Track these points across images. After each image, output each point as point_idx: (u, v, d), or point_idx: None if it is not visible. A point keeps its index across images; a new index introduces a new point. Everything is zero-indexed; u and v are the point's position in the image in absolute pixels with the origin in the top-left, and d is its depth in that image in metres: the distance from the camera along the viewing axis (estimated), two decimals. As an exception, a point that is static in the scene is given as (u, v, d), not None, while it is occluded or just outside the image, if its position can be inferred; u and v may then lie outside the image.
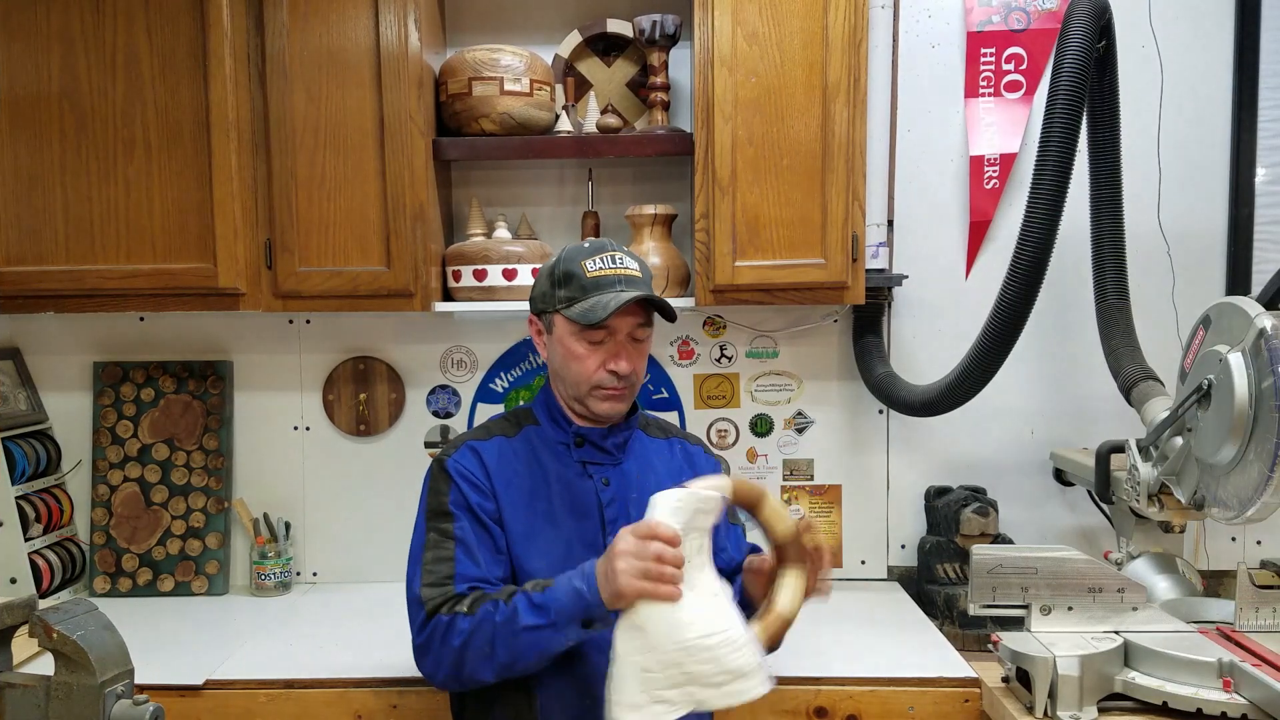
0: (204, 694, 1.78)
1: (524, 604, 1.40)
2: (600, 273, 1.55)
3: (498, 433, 1.65)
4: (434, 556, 1.52)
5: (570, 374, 1.58)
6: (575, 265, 1.56)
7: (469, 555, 1.51)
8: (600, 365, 1.56)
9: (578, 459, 1.63)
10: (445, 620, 1.44)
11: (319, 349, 2.41)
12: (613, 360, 1.56)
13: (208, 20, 2.00)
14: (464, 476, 1.57)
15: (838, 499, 2.41)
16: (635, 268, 1.58)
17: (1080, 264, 2.19)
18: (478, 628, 1.42)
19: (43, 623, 1.06)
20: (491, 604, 1.43)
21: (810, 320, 2.37)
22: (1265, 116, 2.25)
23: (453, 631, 1.43)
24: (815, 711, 1.77)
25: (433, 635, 1.45)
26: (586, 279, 1.55)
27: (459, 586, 1.48)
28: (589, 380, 1.57)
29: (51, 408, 2.41)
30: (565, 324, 1.57)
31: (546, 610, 1.38)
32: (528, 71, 2.13)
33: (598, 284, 1.54)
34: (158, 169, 2.04)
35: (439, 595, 1.47)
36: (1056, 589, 1.68)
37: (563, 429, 1.64)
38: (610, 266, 1.56)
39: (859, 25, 2.00)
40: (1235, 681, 1.51)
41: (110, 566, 2.36)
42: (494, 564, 1.53)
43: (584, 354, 1.56)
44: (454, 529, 1.53)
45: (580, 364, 1.56)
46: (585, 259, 1.56)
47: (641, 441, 1.71)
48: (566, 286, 1.56)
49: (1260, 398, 1.47)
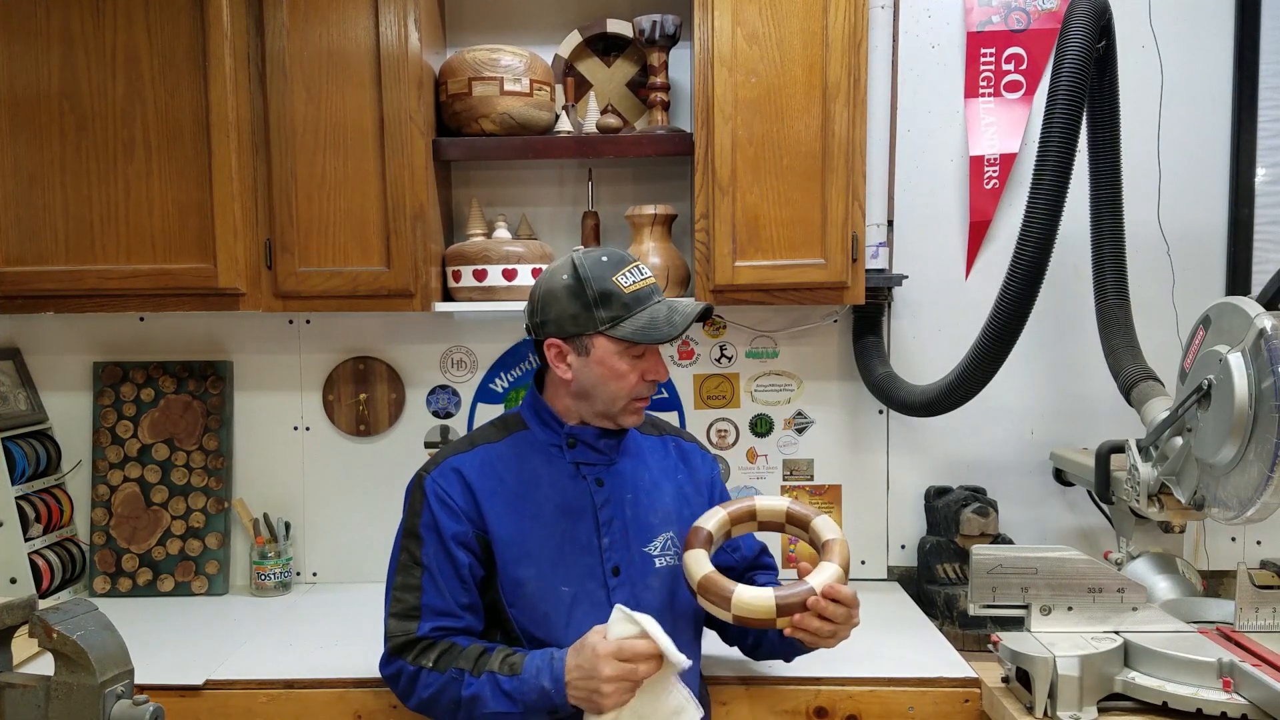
0: (204, 694, 1.78)
1: (490, 689, 1.46)
2: (637, 286, 1.54)
3: (481, 441, 1.65)
4: (402, 582, 1.57)
5: (608, 391, 1.57)
6: (609, 284, 1.53)
7: (433, 584, 1.55)
8: (640, 379, 1.57)
9: (571, 460, 1.62)
10: (411, 670, 1.52)
11: (319, 349, 2.41)
12: (653, 371, 1.57)
13: (208, 20, 2.00)
14: (440, 499, 1.57)
15: (838, 499, 2.41)
16: (652, 275, 1.59)
17: (1080, 264, 2.20)
18: (443, 690, 1.49)
19: (43, 623, 1.06)
20: (457, 671, 1.48)
21: (810, 320, 2.37)
22: (1265, 116, 2.25)
23: (419, 684, 1.51)
24: (815, 711, 1.77)
25: (399, 676, 1.54)
26: (626, 295, 1.53)
27: (422, 625, 1.53)
28: (629, 394, 1.57)
29: (51, 408, 2.41)
30: (611, 344, 1.54)
31: (512, 700, 1.46)
32: (528, 71, 2.13)
33: (638, 299, 1.54)
34: (158, 169, 2.04)
35: (402, 635, 1.54)
36: (1056, 589, 1.68)
37: (554, 431, 1.63)
38: (641, 278, 1.56)
39: (859, 25, 2.00)
40: (1235, 682, 1.51)
41: (110, 566, 2.36)
42: (459, 592, 1.55)
43: (628, 370, 1.56)
44: (421, 555, 1.56)
45: (622, 381, 1.56)
46: (614, 275, 1.54)
47: (635, 440, 1.70)
48: (606, 307, 1.53)
49: (1260, 398, 1.47)
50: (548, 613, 1.55)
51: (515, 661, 1.47)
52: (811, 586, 1.43)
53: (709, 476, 1.77)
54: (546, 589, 1.55)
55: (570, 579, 1.56)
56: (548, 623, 1.54)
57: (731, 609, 1.43)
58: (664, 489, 1.67)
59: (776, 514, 1.58)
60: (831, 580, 1.44)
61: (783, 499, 1.60)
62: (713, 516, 1.57)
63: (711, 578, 1.46)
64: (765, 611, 1.42)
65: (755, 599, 1.42)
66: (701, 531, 1.54)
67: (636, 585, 1.58)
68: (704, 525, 1.55)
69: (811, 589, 1.42)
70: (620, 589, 1.57)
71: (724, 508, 1.58)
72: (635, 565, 1.59)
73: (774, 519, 1.58)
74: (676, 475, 1.71)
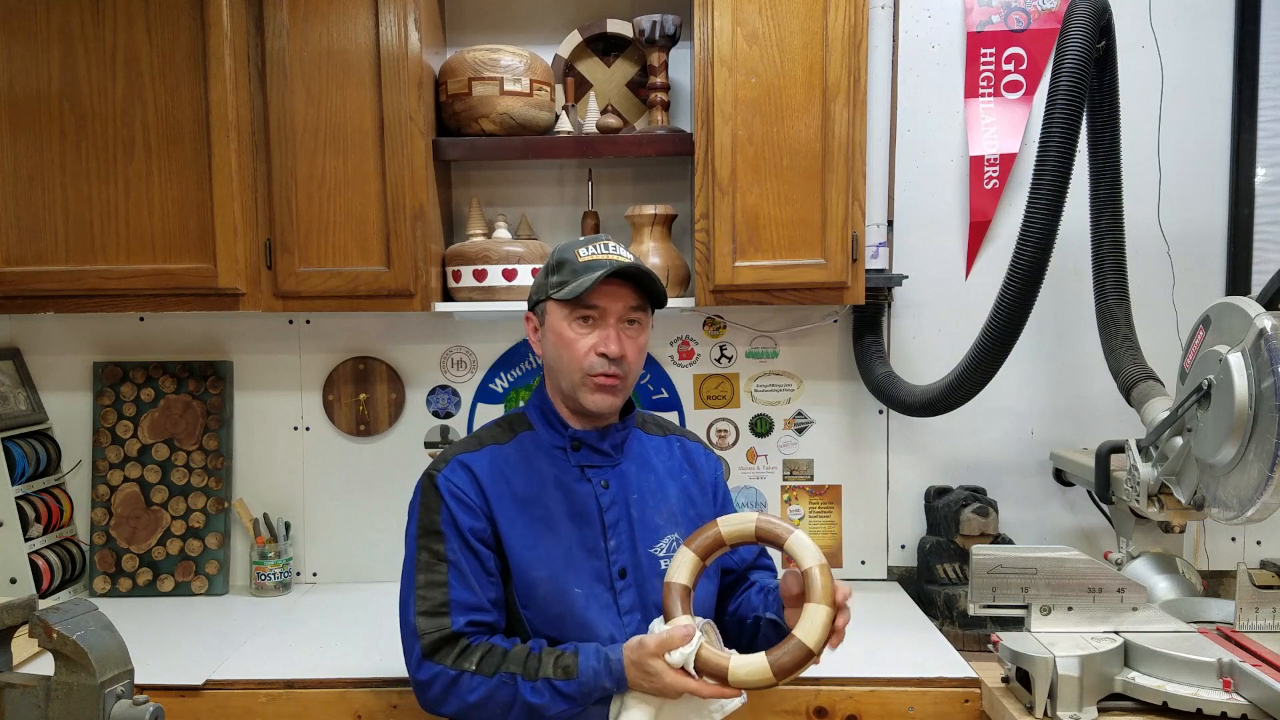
0: (204, 694, 1.78)
1: (549, 695, 1.44)
2: (593, 258, 1.54)
3: (489, 441, 1.63)
4: (427, 580, 1.52)
5: (563, 363, 1.56)
6: (569, 253, 1.57)
7: (462, 580, 1.51)
8: (591, 349, 1.54)
9: (575, 463, 1.61)
10: (452, 675, 1.46)
11: (319, 349, 2.41)
12: (602, 343, 1.54)
13: (208, 20, 2.00)
14: (454, 495, 1.55)
15: (837, 499, 2.41)
16: (629, 257, 1.57)
17: (1080, 264, 2.20)
18: (493, 693, 1.45)
19: (43, 623, 1.06)
20: (508, 675, 1.45)
21: (810, 320, 2.37)
22: (1265, 116, 2.25)
23: (464, 688, 1.46)
24: (815, 711, 1.77)
25: (435, 680, 1.47)
26: (579, 263, 1.54)
27: (455, 620, 1.49)
28: (580, 366, 1.54)
29: (51, 408, 2.41)
30: (556, 308, 1.56)
31: (574, 701, 1.44)
32: (528, 72, 2.13)
33: (589, 267, 1.53)
34: (158, 169, 2.04)
35: (435, 632, 1.48)
36: (1056, 589, 1.68)
37: (558, 433, 1.62)
38: (603, 253, 1.55)
39: (859, 25, 2.00)
40: (1235, 681, 1.51)
41: (110, 566, 2.36)
42: (487, 586, 1.53)
43: (574, 337, 1.55)
44: (446, 551, 1.52)
45: (570, 349, 1.55)
46: (579, 247, 1.57)
47: (640, 440, 1.70)
48: (558, 273, 1.56)
49: (1260, 398, 1.47)
50: (561, 614, 1.54)
51: (569, 664, 1.45)
52: (809, 648, 1.36)
53: (713, 477, 1.76)
54: (559, 592, 1.54)
55: (581, 581, 1.55)
56: (562, 623, 1.54)
57: (729, 680, 1.37)
58: (669, 490, 1.67)
59: (745, 534, 1.45)
60: (822, 630, 1.36)
61: (749, 515, 1.46)
62: (683, 565, 1.45)
63: (703, 655, 1.38)
64: (764, 680, 1.37)
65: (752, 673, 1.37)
66: (676, 588, 1.44)
67: (643, 587, 1.58)
68: (677, 580, 1.44)
69: (809, 650, 1.36)
70: (627, 591, 1.57)
71: (689, 547, 1.46)
72: (641, 567, 1.58)
73: (743, 539, 1.46)
74: (681, 476, 1.70)
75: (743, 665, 1.37)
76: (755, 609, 1.62)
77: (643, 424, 1.74)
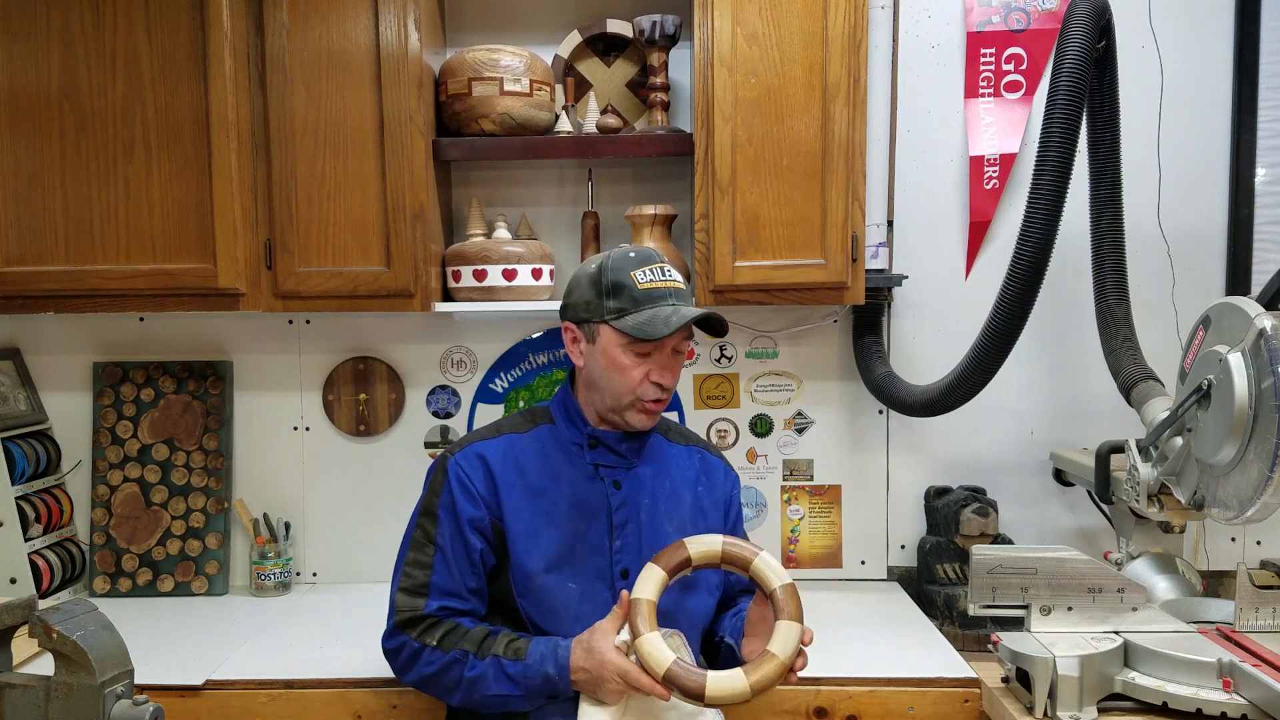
0: (204, 694, 1.78)
1: (494, 671, 1.49)
2: (651, 285, 1.54)
3: (509, 430, 1.66)
4: (414, 558, 1.59)
5: (613, 385, 1.57)
6: (624, 275, 1.55)
7: (444, 564, 1.57)
8: (644, 378, 1.56)
9: (591, 461, 1.63)
10: (415, 646, 1.54)
11: (319, 349, 2.41)
12: (658, 373, 1.56)
13: (208, 20, 2.00)
14: (460, 482, 1.59)
15: (837, 499, 2.41)
16: (681, 281, 1.59)
17: (1080, 264, 2.19)
18: (447, 668, 1.52)
19: (43, 623, 1.06)
20: (461, 652, 1.51)
21: (810, 320, 2.37)
22: (1265, 116, 2.25)
23: (421, 660, 1.54)
24: (815, 711, 1.77)
25: (401, 649, 1.56)
26: (638, 290, 1.54)
27: (429, 603, 1.55)
28: (632, 392, 1.57)
29: (51, 408, 2.41)
30: (614, 335, 1.55)
31: (515, 683, 1.48)
32: (527, 72, 2.13)
33: (649, 296, 1.54)
34: (158, 169, 2.04)
35: (408, 610, 1.56)
36: (1056, 589, 1.68)
37: (578, 429, 1.64)
38: (660, 279, 1.56)
39: (859, 25, 2.00)
40: (1235, 682, 1.51)
41: (110, 567, 2.36)
42: (469, 575, 1.57)
43: (629, 366, 1.56)
44: (436, 534, 1.58)
45: (624, 376, 1.56)
46: (634, 269, 1.55)
47: (660, 446, 1.71)
48: (616, 297, 1.54)
49: (1260, 398, 1.47)
50: (555, 607, 1.56)
51: (520, 646, 1.50)
52: (785, 663, 1.40)
53: (727, 494, 1.76)
54: (555, 584, 1.57)
55: (578, 577, 1.57)
56: (555, 616, 1.56)
57: (706, 698, 1.38)
58: (683, 498, 1.68)
59: (711, 555, 1.48)
60: (794, 647, 1.41)
61: (715, 539, 1.49)
62: (649, 580, 1.46)
63: (674, 672, 1.39)
64: (741, 696, 1.38)
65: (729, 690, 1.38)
66: (642, 603, 1.43)
67: None
68: (645, 596, 1.44)
69: (785, 665, 1.40)
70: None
71: (656, 564, 1.47)
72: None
73: (710, 560, 1.48)
74: (696, 487, 1.71)
75: (720, 682, 1.39)
76: (722, 631, 1.67)
77: (666, 431, 1.75)
